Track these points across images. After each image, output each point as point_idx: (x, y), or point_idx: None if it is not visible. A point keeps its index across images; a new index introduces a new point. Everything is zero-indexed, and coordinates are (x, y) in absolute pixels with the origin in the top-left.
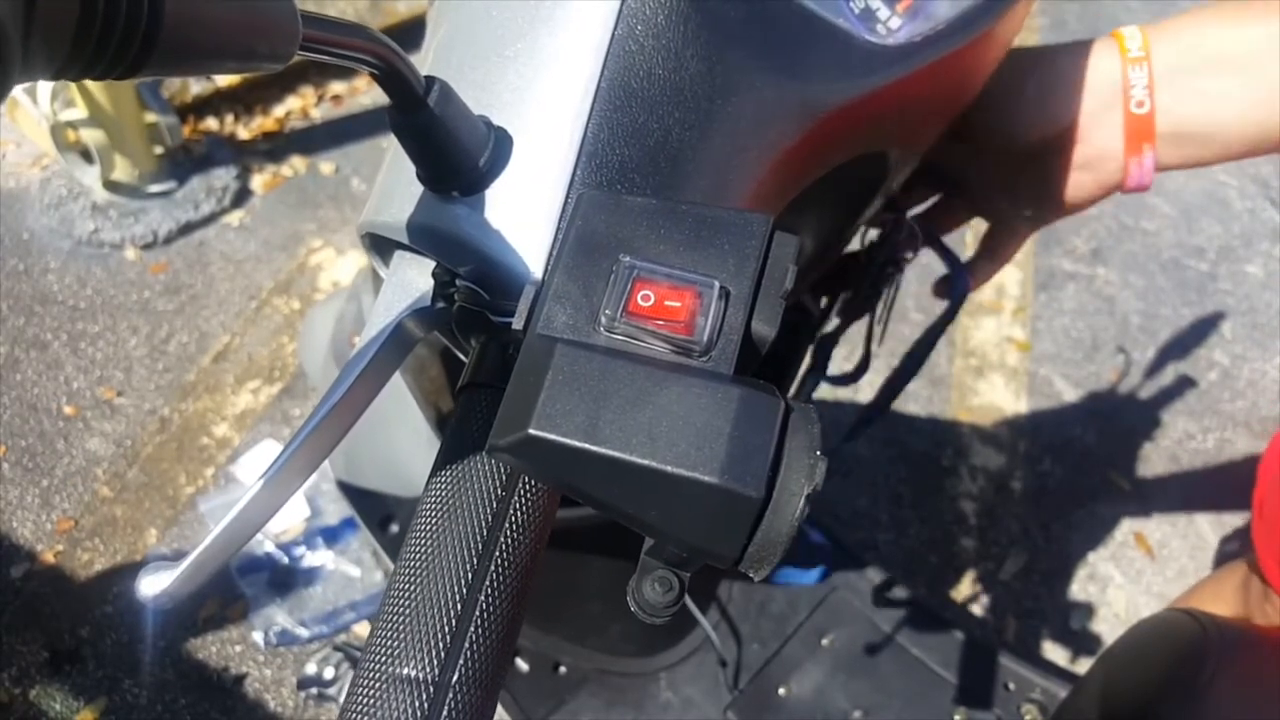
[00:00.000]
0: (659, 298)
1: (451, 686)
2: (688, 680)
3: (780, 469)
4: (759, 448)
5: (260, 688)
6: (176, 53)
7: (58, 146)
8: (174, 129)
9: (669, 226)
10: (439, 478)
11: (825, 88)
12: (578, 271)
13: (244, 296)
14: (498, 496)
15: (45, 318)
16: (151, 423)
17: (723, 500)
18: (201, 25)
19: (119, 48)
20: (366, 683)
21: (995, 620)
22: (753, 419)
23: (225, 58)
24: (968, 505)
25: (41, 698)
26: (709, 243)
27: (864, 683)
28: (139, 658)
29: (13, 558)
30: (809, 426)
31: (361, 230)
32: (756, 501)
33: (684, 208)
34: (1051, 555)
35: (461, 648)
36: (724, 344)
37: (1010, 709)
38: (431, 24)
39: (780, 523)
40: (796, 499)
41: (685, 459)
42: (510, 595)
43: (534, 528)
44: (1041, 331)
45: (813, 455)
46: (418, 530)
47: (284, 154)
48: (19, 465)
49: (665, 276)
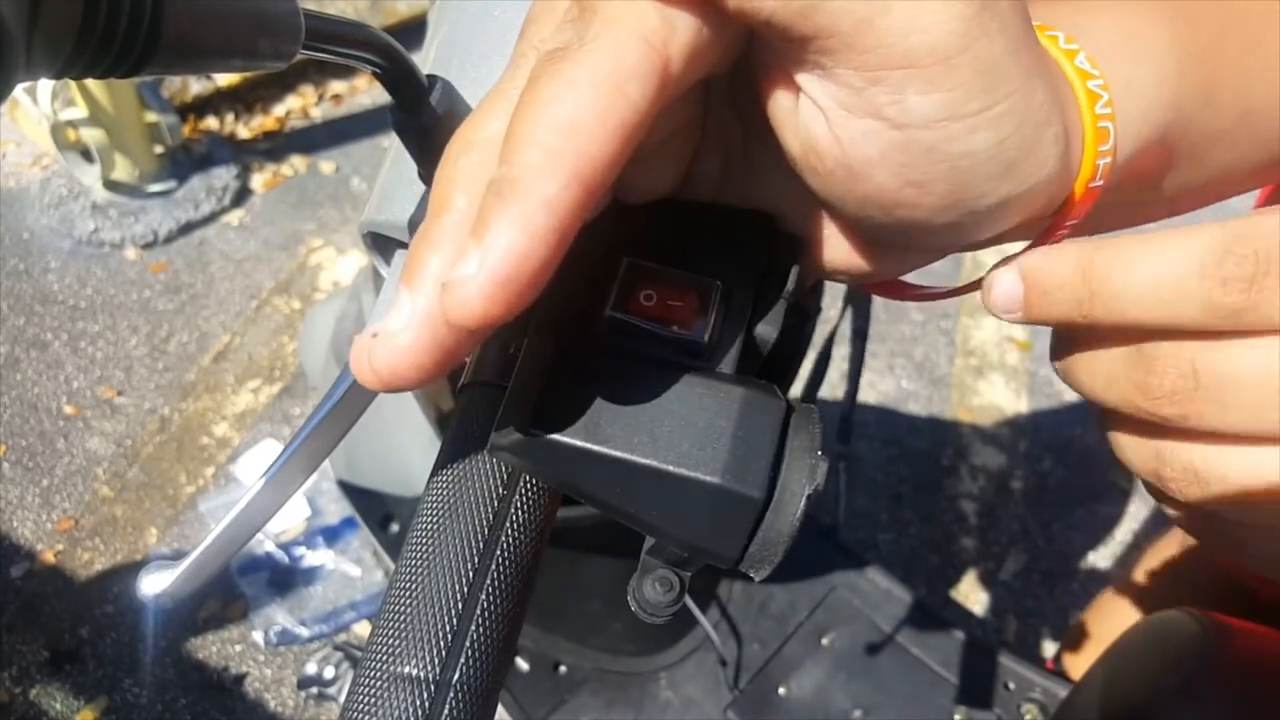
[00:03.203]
0: (661, 297)
1: (453, 686)
2: (688, 680)
3: (781, 469)
4: (760, 448)
5: (260, 687)
6: (179, 52)
7: (58, 146)
8: (174, 128)
9: (672, 225)
10: (440, 477)
11: None
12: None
13: (244, 296)
14: (499, 496)
15: (45, 317)
16: (152, 422)
17: (724, 500)
18: (205, 24)
19: (122, 47)
20: (368, 681)
21: (995, 620)
22: (754, 419)
23: (228, 57)
24: (968, 505)
25: (42, 697)
26: (711, 242)
27: (864, 682)
28: (139, 657)
29: (13, 557)
30: (810, 427)
31: (363, 229)
32: (757, 502)
33: (688, 206)
34: (1051, 555)
35: (463, 647)
36: (726, 344)
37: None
38: (433, 23)
39: (781, 523)
40: (797, 499)
41: (687, 459)
42: (511, 595)
43: (535, 527)
44: (1042, 331)
45: (814, 455)
46: (419, 530)
47: (284, 153)
48: (19, 465)
49: (668, 276)
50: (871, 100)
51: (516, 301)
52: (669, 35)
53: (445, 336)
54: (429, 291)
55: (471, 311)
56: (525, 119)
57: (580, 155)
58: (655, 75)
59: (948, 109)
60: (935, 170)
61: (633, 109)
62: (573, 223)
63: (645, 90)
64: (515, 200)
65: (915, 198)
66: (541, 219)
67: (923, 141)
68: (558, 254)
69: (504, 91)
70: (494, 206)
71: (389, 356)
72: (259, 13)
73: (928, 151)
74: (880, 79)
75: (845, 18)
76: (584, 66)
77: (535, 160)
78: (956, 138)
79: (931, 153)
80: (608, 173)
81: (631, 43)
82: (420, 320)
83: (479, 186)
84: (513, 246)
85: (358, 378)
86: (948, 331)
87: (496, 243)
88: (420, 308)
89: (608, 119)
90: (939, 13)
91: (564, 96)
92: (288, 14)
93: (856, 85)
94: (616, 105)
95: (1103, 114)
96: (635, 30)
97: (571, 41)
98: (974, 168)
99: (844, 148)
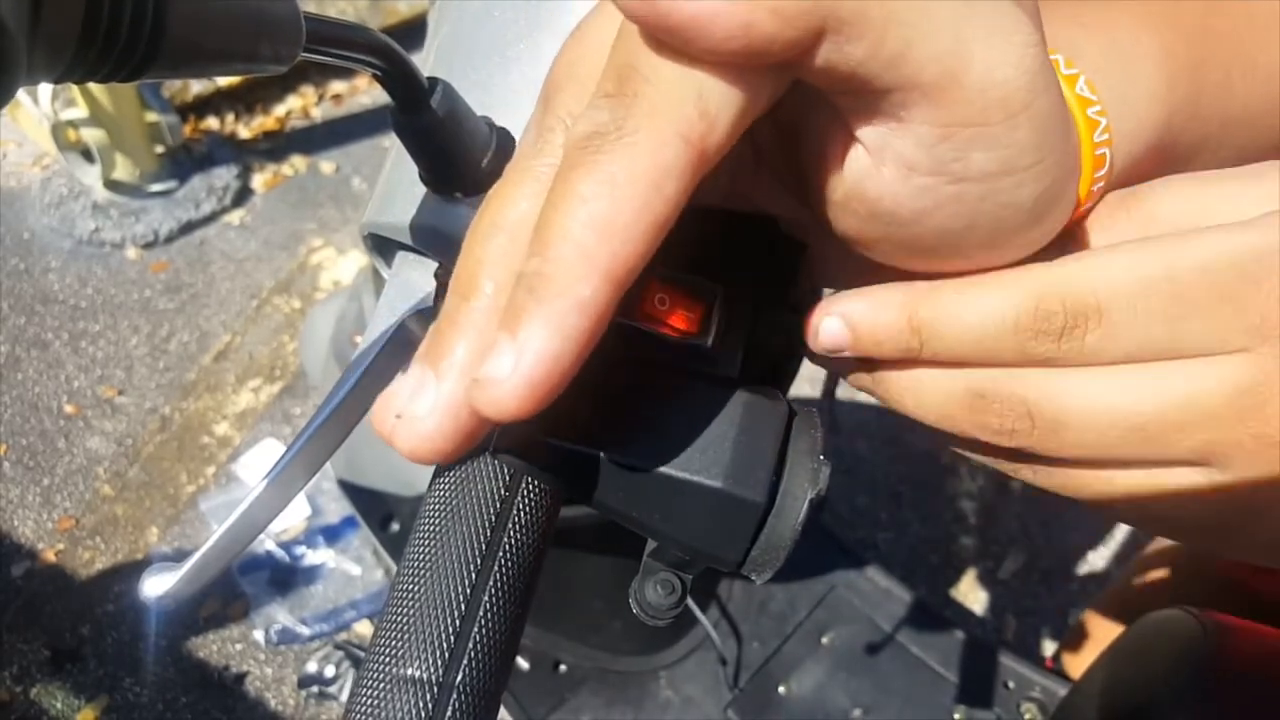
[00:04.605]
0: (664, 301)
1: (455, 687)
2: (688, 679)
3: (784, 473)
4: (763, 452)
5: (261, 686)
6: (180, 57)
7: (59, 146)
8: (175, 128)
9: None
10: (442, 479)
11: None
12: None
13: (245, 295)
14: (501, 498)
15: (46, 317)
16: (152, 421)
17: (726, 504)
18: (205, 29)
19: (123, 51)
20: (371, 683)
21: (995, 619)
22: (757, 424)
23: (229, 61)
24: (967, 504)
25: (42, 696)
26: (715, 246)
27: (864, 681)
28: (140, 656)
29: (14, 556)
30: (812, 431)
31: (364, 230)
32: (759, 506)
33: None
34: (1051, 555)
35: (465, 649)
36: (729, 348)
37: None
38: (433, 24)
39: (783, 527)
40: (800, 503)
41: (689, 463)
42: (514, 597)
43: (537, 529)
44: None
45: (816, 460)
46: (421, 531)
47: (285, 153)
48: (20, 464)
49: (671, 280)
50: (939, 157)
51: (546, 399)
52: (707, 131)
53: (469, 424)
54: (454, 380)
55: (505, 410)
56: (560, 212)
57: (615, 256)
58: (691, 170)
59: (1006, 165)
60: (979, 221)
61: (667, 206)
62: (604, 322)
63: (680, 186)
64: (549, 300)
65: (953, 243)
66: (575, 320)
67: (974, 194)
68: (587, 351)
69: (531, 169)
70: (528, 304)
71: (412, 440)
72: (259, 17)
73: (977, 203)
74: (952, 135)
75: (930, 69)
76: (622, 162)
77: (569, 258)
78: (1005, 191)
79: (980, 204)
80: (638, 269)
81: (670, 138)
82: (444, 408)
83: (506, 274)
84: (547, 349)
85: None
86: None
87: (530, 345)
88: (445, 395)
89: (643, 218)
90: (1014, 67)
91: (601, 195)
92: (288, 17)
93: (927, 141)
94: (652, 204)
95: (1100, 141)
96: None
97: (609, 129)
98: (1013, 217)
99: (897, 200)
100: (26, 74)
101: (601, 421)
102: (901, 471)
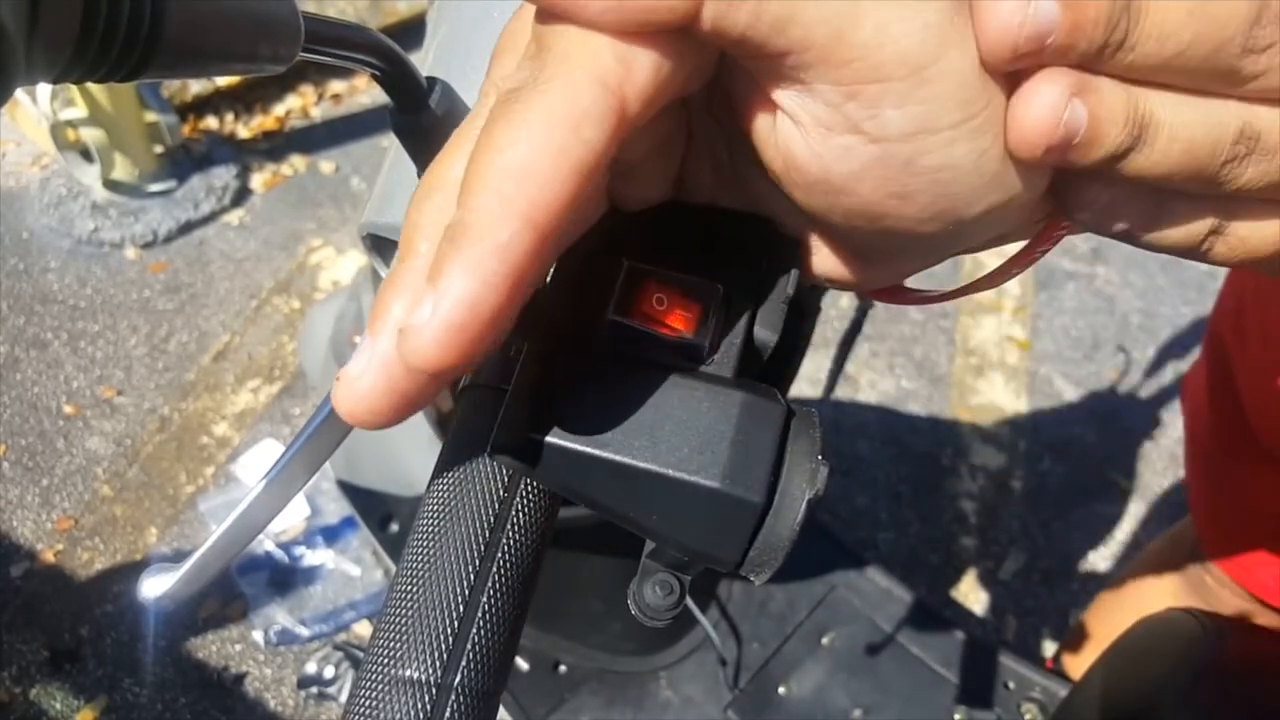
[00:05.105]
0: (661, 300)
1: (454, 689)
2: (688, 679)
3: (782, 473)
4: (761, 452)
5: (260, 687)
6: (178, 56)
7: (57, 146)
8: (174, 128)
9: (672, 227)
10: (440, 480)
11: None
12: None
13: (244, 295)
14: (499, 499)
15: (45, 317)
16: (151, 422)
17: (724, 505)
18: (204, 29)
19: (121, 51)
20: (369, 685)
21: (995, 620)
22: (755, 423)
23: (227, 61)
24: (968, 504)
25: (42, 696)
26: (711, 245)
27: (864, 682)
28: (139, 657)
29: (13, 557)
30: (810, 431)
31: (363, 230)
32: (757, 506)
33: (688, 209)
34: (1051, 554)
35: (464, 650)
36: (726, 348)
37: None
38: (432, 24)
39: (781, 527)
40: (798, 503)
41: (687, 463)
42: (512, 598)
43: (536, 530)
44: (1042, 330)
45: (814, 460)
46: (419, 532)
47: (284, 153)
48: (19, 464)
49: (668, 279)
50: (849, 115)
51: (471, 347)
52: (624, 76)
53: (403, 381)
54: (388, 337)
55: (426, 357)
56: (479, 163)
57: (533, 200)
58: (611, 115)
59: (923, 122)
60: (916, 183)
61: (588, 151)
62: (527, 267)
63: (600, 132)
64: (467, 246)
65: (899, 209)
66: (493, 265)
67: (901, 155)
68: (513, 299)
69: (465, 133)
70: (447, 253)
71: (350, 400)
72: (258, 17)
73: (906, 165)
74: (856, 93)
75: (819, 30)
76: (537, 109)
77: (488, 205)
78: (934, 150)
79: (911, 165)
80: (562, 215)
81: (585, 84)
82: (378, 365)
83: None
84: (465, 293)
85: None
86: (947, 331)
87: (449, 290)
88: (378, 353)
89: (561, 163)
90: (907, 22)
91: (517, 140)
92: (287, 18)
93: (834, 100)
94: (570, 148)
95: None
96: (589, 71)
97: (526, 82)
98: (956, 179)
99: (824, 163)
100: (25, 74)
101: (599, 421)
102: (901, 471)
